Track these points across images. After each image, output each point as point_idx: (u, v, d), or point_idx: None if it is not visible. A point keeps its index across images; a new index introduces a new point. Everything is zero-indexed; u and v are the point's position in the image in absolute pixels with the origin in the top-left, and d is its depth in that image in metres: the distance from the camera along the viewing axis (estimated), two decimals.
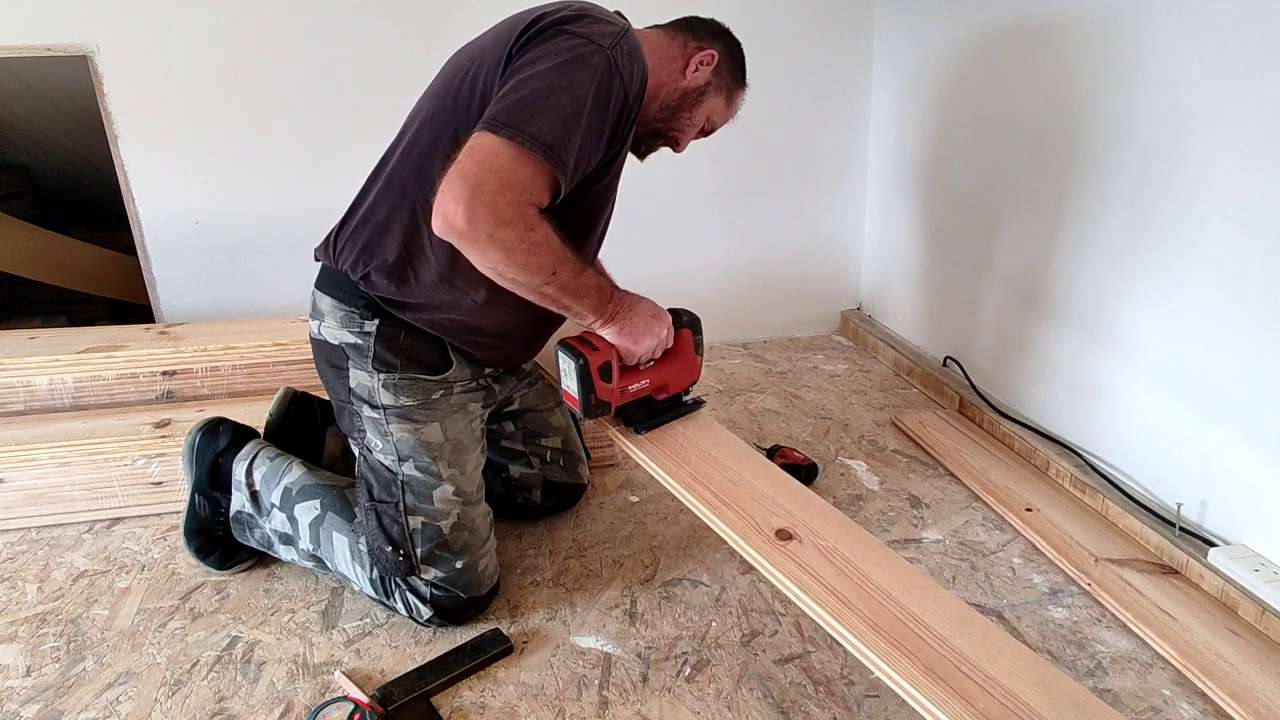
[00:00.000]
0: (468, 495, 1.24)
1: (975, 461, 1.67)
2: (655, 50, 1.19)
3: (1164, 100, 1.36)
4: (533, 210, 0.99)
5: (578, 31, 1.04)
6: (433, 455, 1.21)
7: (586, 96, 1.01)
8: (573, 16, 1.07)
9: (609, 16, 1.11)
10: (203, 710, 1.08)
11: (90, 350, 1.70)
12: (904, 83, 2.19)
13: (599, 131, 1.05)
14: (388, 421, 1.20)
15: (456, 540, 1.21)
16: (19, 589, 1.35)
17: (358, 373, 1.21)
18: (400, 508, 1.20)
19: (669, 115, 1.22)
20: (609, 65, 1.03)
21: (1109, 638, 1.19)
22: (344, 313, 1.20)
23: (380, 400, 1.20)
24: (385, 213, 1.15)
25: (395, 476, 1.21)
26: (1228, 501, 1.31)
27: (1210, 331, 1.31)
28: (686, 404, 1.31)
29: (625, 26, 1.10)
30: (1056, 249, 1.65)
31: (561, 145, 0.99)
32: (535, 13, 1.09)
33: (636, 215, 2.31)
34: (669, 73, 1.20)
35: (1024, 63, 1.70)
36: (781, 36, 2.22)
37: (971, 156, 1.93)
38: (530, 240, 1.00)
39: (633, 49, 1.08)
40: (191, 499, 1.35)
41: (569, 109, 0.99)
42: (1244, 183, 1.23)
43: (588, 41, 1.03)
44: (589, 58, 1.02)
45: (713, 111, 1.26)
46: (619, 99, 1.06)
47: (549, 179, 1.00)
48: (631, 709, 1.07)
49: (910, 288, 2.27)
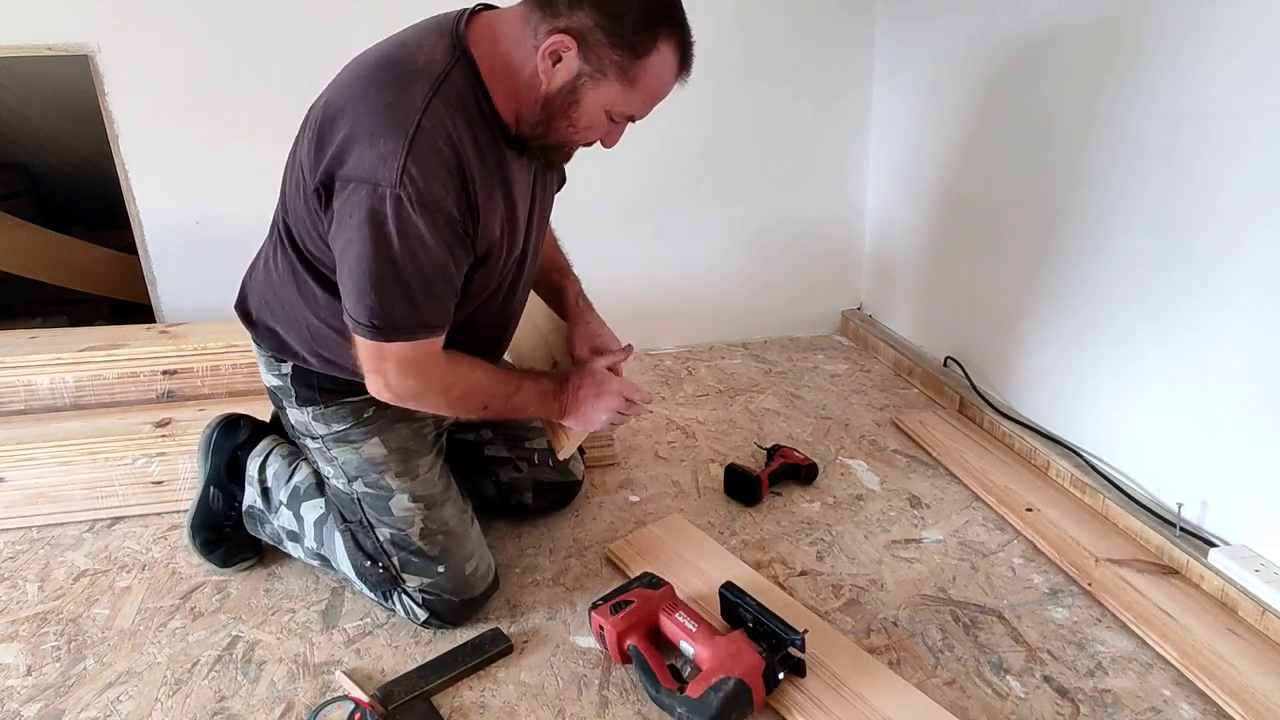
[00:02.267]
0: (427, 499, 1.22)
1: (975, 461, 1.67)
2: (507, 56, 1.00)
3: (1164, 100, 1.36)
4: (437, 372, 1.08)
5: (361, 179, 0.94)
6: (379, 469, 1.20)
7: (413, 251, 0.96)
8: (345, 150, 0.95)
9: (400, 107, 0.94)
10: (203, 709, 1.08)
11: (91, 349, 1.70)
12: (905, 82, 2.19)
13: (449, 257, 1.00)
14: (329, 449, 1.21)
15: (431, 545, 1.20)
16: (20, 588, 1.35)
17: (292, 411, 1.23)
18: (365, 524, 1.21)
19: (544, 131, 1.04)
20: (406, 207, 0.93)
21: (1109, 638, 1.19)
22: (264, 358, 1.23)
23: (316, 432, 1.21)
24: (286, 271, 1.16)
25: (351, 496, 1.21)
26: (1228, 501, 1.31)
27: (1210, 331, 1.31)
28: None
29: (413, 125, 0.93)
30: (1057, 249, 1.65)
31: (421, 312, 1.01)
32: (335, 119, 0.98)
33: (637, 215, 2.32)
34: (525, 80, 1.00)
35: (1025, 62, 1.70)
36: (782, 35, 2.22)
37: (972, 156, 1.92)
38: (451, 396, 1.11)
39: (430, 144, 0.94)
40: (205, 491, 1.36)
41: (414, 276, 0.98)
42: (1244, 183, 1.23)
43: (373, 190, 0.93)
44: (384, 218, 0.94)
45: (609, 104, 1.01)
46: (437, 218, 0.96)
47: (431, 343, 1.05)
48: (631, 709, 1.07)
49: (911, 287, 2.27)
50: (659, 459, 1.75)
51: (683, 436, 1.85)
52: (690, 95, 2.33)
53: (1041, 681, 1.11)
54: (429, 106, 0.95)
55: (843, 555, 1.40)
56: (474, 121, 1.00)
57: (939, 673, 1.13)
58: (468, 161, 0.99)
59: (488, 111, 1.02)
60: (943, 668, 1.13)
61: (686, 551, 1.38)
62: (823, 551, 1.41)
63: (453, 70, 0.98)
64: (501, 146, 1.06)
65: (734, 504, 1.56)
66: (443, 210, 0.97)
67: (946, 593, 1.29)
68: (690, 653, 1.10)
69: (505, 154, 1.07)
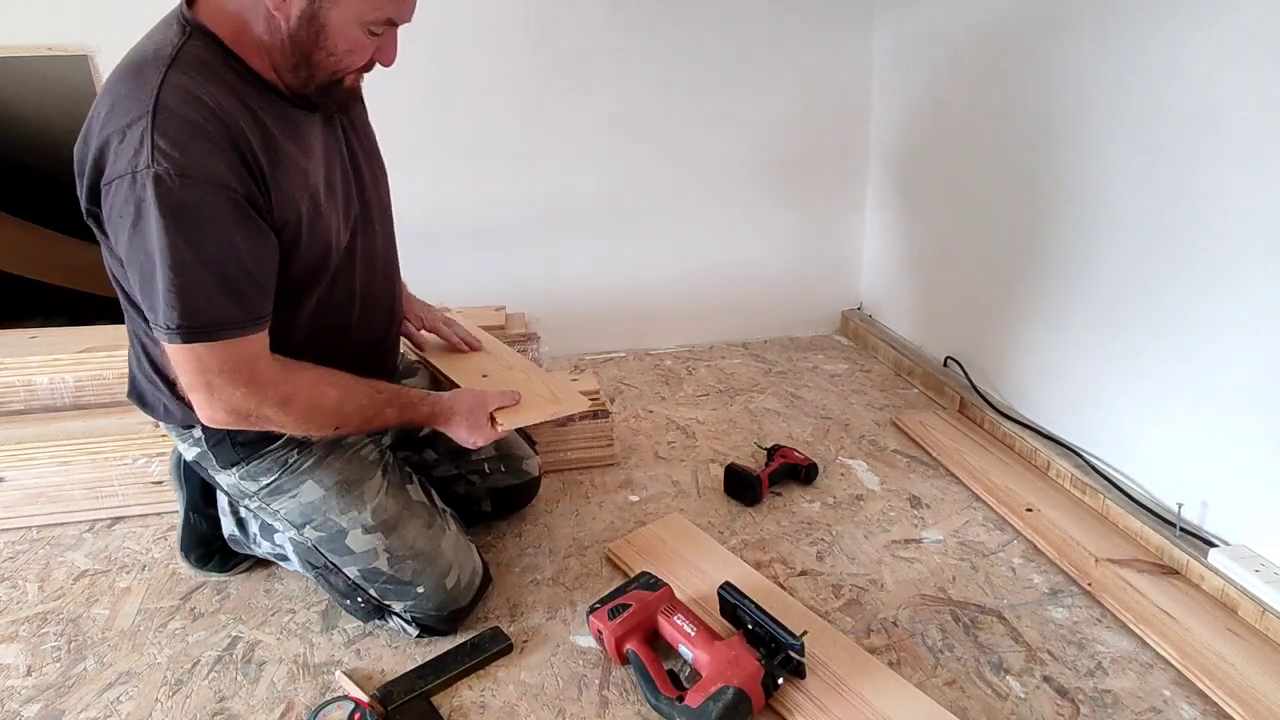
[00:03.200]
0: (384, 525, 1.15)
1: (976, 461, 1.67)
2: (238, 14, 0.95)
3: (1165, 100, 1.36)
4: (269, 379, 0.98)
5: (119, 175, 0.88)
6: (323, 512, 1.14)
7: (194, 233, 0.89)
8: (102, 146, 0.89)
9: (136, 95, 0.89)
10: (203, 710, 1.08)
11: (91, 349, 1.71)
12: (904, 82, 2.19)
13: (238, 233, 0.92)
14: (267, 504, 1.15)
15: (403, 570, 1.16)
16: (20, 588, 1.35)
17: (218, 475, 1.16)
18: (330, 566, 1.18)
19: (306, 73, 0.98)
20: (167, 184, 0.86)
21: (1109, 638, 1.19)
22: (174, 431, 1.16)
23: (248, 490, 1.15)
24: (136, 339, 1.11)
25: (306, 544, 1.18)
26: (1228, 502, 1.31)
27: (1211, 331, 1.31)
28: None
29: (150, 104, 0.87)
30: (1058, 249, 1.65)
31: (229, 304, 0.92)
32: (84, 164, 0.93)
33: (637, 215, 2.32)
34: (266, 29, 0.95)
35: (1026, 61, 1.70)
36: (781, 37, 2.22)
37: (973, 156, 1.92)
38: (293, 411, 1.01)
39: (177, 117, 0.88)
40: (186, 517, 1.34)
41: (206, 265, 0.90)
42: (1245, 183, 1.23)
43: (131, 180, 0.87)
44: (149, 204, 0.87)
45: (357, 17, 0.95)
46: (207, 190, 0.89)
47: (252, 339, 0.96)
48: (631, 709, 1.07)
49: (911, 287, 2.27)
50: (659, 459, 1.75)
51: (683, 436, 1.85)
52: (690, 94, 2.34)
53: (1041, 681, 1.11)
54: (164, 80, 0.89)
55: (843, 555, 1.40)
56: (233, 86, 0.94)
57: (939, 673, 1.13)
58: (233, 124, 0.92)
59: (246, 74, 0.96)
60: (943, 668, 1.13)
61: (686, 551, 1.38)
62: (823, 551, 1.41)
63: (185, 45, 0.92)
64: (285, 108, 1.00)
65: (734, 504, 1.56)
66: (212, 179, 0.89)
67: (946, 593, 1.29)
68: (689, 657, 1.10)
69: (294, 115, 1.01)
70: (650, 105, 2.21)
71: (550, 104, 2.17)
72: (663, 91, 2.20)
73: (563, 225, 2.28)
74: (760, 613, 1.09)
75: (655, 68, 2.18)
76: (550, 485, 1.63)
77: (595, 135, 2.21)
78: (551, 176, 2.21)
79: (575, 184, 2.27)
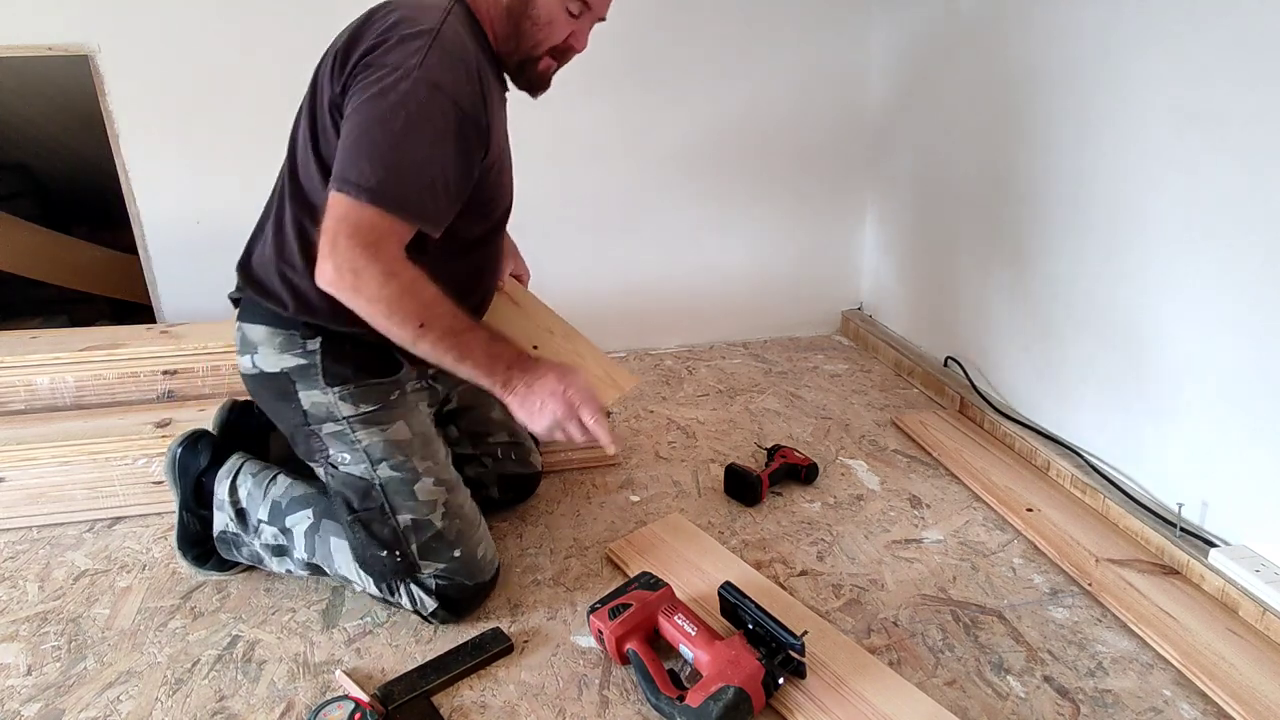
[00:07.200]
0: (449, 483, 1.24)
1: (976, 461, 1.67)
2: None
3: (1165, 100, 1.36)
4: (388, 257, 1.02)
5: (391, 65, 1.04)
6: (405, 452, 1.21)
7: (420, 129, 1.03)
8: (382, 38, 1.06)
9: (424, 18, 1.08)
10: (203, 709, 1.08)
11: (91, 349, 1.70)
12: (904, 81, 2.19)
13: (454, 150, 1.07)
14: (353, 430, 1.20)
15: (450, 529, 1.21)
16: (20, 588, 1.35)
17: (309, 393, 1.20)
18: (385, 510, 1.20)
19: (515, 43, 1.18)
20: (423, 88, 1.03)
21: (1110, 638, 1.19)
22: (282, 337, 1.20)
23: (341, 413, 1.20)
24: (294, 230, 1.17)
25: (371, 483, 1.20)
26: (1228, 502, 1.31)
27: (1211, 331, 1.31)
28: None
29: (436, 27, 1.07)
30: (1057, 249, 1.65)
31: (406, 187, 1.03)
32: (360, 32, 1.10)
33: (637, 215, 2.32)
34: (495, 2, 1.16)
35: (1026, 61, 1.70)
36: (781, 36, 2.22)
37: (973, 156, 1.92)
38: (390, 289, 1.02)
39: (450, 47, 1.06)
40: (180, 516, 1.34)
41: (411, 150, 1.02)
42: (1246, 184, 1.23)
43: (396, 71, 1.03)
44: (404, 93, 1.02)
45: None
46: (450, 109, 1.05)
47: (401, 225, 1.04)
48: (632, 709, 1.07)
49: (911, 288, 2.27)
50: (659, 459, 1.75)
51: (683, 436, 1.85)
52: (690, 94, 2.34)
53: (1042, 682, 1.11)
54: (447, 19, 1.09)
55: (843, 555, 1.40)
56: (481, 49, 1.14)
57: (939, 673, 1.13)
58: (482, 72, 1.11)
59: (484, 42, 1.17)
60: (943, 668, 1.13)
61: (687, 551, 1.38)
62: (823, 551, 1.41)
63: (453, 8, 1.12)
64: (500, 80, 1.20)
65: (734, 504, 1.56)
66: (458, 102, 1.06)
67: (947, 593, 1.29)
68: (690, 657, 1.10)
69: (502, 88, 1.22)
70: (649, 104, 2.21)
71: (549, 103, 2.16)
72: (662, 90, 2.20)
73: (562, 224, 2.28)
74: (761, 612, 1.09)
75: (655, 67, 2.18)
76: (551, 485, 1.63)
77: (595, 134, 2.21)
78: (551, 176, 2.21)
79: (575, 183, 2.27)
